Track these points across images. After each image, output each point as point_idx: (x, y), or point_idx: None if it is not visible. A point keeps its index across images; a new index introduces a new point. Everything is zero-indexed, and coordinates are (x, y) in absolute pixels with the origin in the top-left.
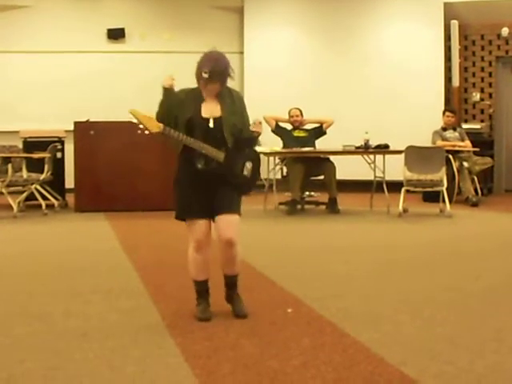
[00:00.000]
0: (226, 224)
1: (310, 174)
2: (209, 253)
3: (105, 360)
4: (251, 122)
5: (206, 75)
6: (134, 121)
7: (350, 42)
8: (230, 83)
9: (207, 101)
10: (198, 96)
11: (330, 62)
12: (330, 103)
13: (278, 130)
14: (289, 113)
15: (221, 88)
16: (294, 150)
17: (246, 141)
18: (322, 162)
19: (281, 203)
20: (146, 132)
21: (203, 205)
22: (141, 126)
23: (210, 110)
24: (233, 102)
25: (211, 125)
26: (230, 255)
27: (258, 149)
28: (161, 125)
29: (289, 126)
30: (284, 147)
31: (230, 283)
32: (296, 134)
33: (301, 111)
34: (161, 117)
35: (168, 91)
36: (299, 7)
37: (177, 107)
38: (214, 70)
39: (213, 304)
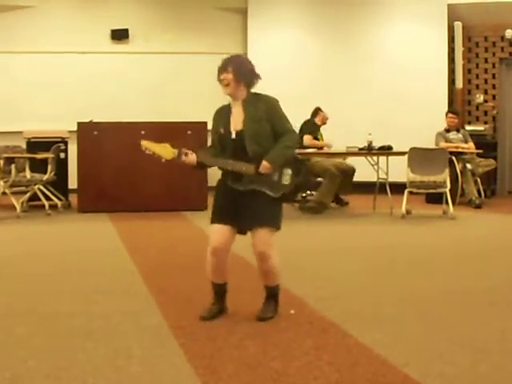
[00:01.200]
0: (258, 238)
1: None
2: (225, 258)
3: (109, 360)
4: None
5: (219, 65)
6: (148, 152)
7: (353, 43)
8: None
9: (234, 112)
10: (227, 110)
11: (333, 64)
12: (333, 104)
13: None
14: (319, 111)
15: (235, 83)
16: (300, 151)
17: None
18: None
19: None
20: (163, 160)
21: (228, 212)
22: (155, 156)
23: (236, 122)
24: (256, 109)
25: (233, 136)
26: (263, 268)
27: None
28: (175, 151)
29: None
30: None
31: (267, 293)
32: (319, 137)
33: None
34: None
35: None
36: (303, 9)
37: (214, 131)
38: (229, 60)
39: None
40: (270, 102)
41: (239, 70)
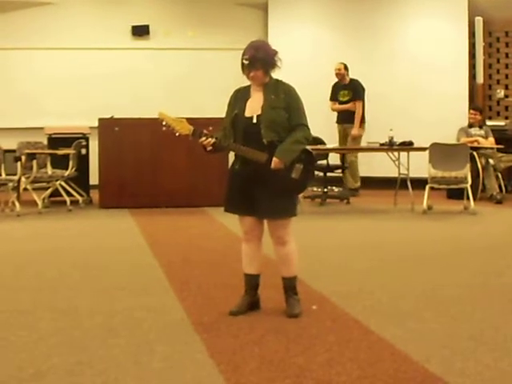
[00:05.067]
0: (274, 224)
1: None
2: (257, 246)
3: (131, 356)
4: None
5: (246, 62)
6: (164, 124)
7: (374, 39)
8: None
9: (253, 97)
10: (245, 93)
11: (354, 60)
12: None
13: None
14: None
15: (264, 76)
16: (319, 147)
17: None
18: None
19: (305, 197)
20: (176, 134)
21: (243, 202)
22: (170, 128)
23: (253, 107)
24: (277, 97)
25: (254, 121)
26: (281, 253)
27: None
28: (191, 127)
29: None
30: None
31: (286, 286)
32: (341, 97)
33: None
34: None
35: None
36: (323, 4)
37: (229, 112)
38: (255, 56)
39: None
40: (289, 90)
41: (267, 63)
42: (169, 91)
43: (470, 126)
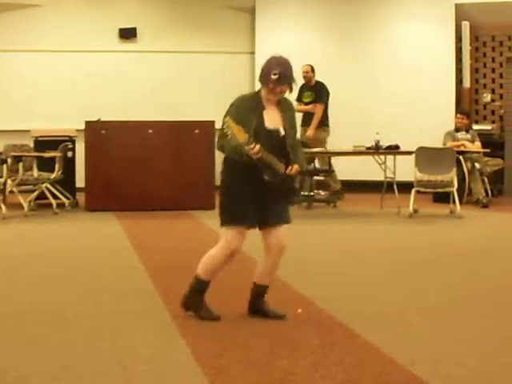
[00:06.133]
0: (280, 234)
1: None
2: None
3: (116, 359)
4: None
5: (275, 76)
6: (226, 130)
7: (361, 42)
8: None
9: (268, 109)
10: (258, 103)
11: (341, 63)
12: (340, 104)
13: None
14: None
15: (289, 91)
16: (305, 150)
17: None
18: None
19: None
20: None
21: (254, 214)
22: (229, 133)
23: (273, 120)
24: (292, 116)
25: (282, 133)
26: (278, 262)
27: None
28: (247, 136)
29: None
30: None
31: (263, 293)
32: (304, 99)
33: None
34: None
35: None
36: (310, 8)
37: (244, 119)
38: (284, 72)
39: (224, 304)
40: (294, 110)
41: (292, 80)
42: (156, 94)
43: (457, 130)
